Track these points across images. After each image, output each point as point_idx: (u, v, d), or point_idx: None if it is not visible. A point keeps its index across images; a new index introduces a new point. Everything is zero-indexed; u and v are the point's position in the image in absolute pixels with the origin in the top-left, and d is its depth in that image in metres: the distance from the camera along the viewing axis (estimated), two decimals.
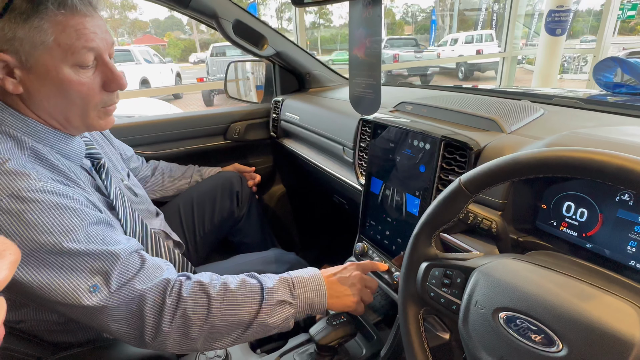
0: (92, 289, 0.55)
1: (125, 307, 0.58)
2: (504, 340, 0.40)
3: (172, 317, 0.60)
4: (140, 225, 0.81)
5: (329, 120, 1.17)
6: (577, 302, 0.37)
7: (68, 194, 0.58)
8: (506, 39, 4.99)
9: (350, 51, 0.77)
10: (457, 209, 0.49)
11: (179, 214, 1.15)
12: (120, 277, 0.58)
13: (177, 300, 0.60)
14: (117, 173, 0.86)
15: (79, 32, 0.58)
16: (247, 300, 0.65)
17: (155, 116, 1.40)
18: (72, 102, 0.62)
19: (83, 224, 0.57)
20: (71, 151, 0.68)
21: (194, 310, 0.61)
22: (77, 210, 0.57)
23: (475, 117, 0.77)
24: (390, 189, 0.85)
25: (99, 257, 0.57)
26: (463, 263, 0.48)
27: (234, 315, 0.64)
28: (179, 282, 0.62)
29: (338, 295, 0.73)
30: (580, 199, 0.53)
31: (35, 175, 0.55)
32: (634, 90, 1.59)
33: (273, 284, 0.68)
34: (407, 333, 0.53)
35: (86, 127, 0.68)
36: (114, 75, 0.65)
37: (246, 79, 1.77)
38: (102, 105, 0.67)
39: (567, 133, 0.59)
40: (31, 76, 0.59)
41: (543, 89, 1.35)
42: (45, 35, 0.56)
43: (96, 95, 0.65)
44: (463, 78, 12.04)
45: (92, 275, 0.56)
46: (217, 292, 0.63)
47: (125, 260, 0.59)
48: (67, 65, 0.59)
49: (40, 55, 0.57)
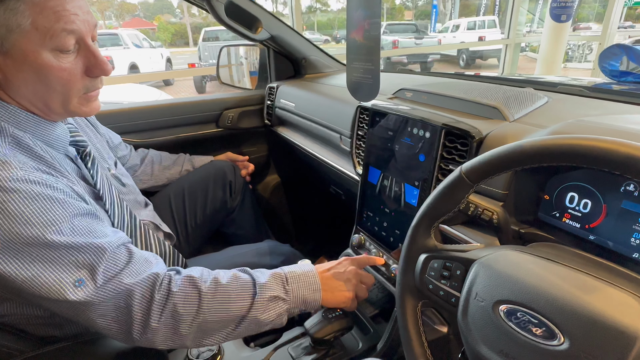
0: (77, 283, 0.54)
1: (112, 302, 0.57)
2: (504, 333, 0.40)
3: (161, 312, 0.59)
4: (128, 217, 0.80)
5: (326, 107, 1.16)
6: (579, 294, 0.37)
7: (52, 183, 0.57)
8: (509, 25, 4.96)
9: (348, 35, 0.76)
10: (457, 199, 0.49)
11: (169, 205, 1.14)
12: (107, 271, 0.57)
13: (166, 295, 0.60)
14: (104, 162, 0.85)
15: (58, 14, 0.56)
16: (239, 295, 0.65)
17: (145, 102, 1.38)
18: (52, 88, 0.61)
19: (68, 215, 0.56)
20: (54, 139, 0.66)
21: (184, 305, 0.61)
22: (62, 201, 0.56)
23: (477, 105, 0.77)
24: (389, 179, 0.84)
25: (85, 250, 0.56)
26: (463, 255, 0.48)
27: (225, 311, 0.63)
28: (169, 277, 0.62)
29: (332, 291, 0.73)
30: (583, 190, 0.53)
31: (16, 164, 0.53)
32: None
33: (266, 279, 0.68)
34: (404, 326, 0.53)
35: (68, 114, 0.66)
36: (97, 60, 0.63)
37: (239, 64, 1.75)
38: (85, 91, 0.65)
39: (572, 121, 0.59)
40: (8, 61, 0.57)
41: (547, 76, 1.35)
42: (22, 17, 0.54)
43: (78, 81, 0.63)
44: (464, 65, 12.00)
45: (78, 269, 0.55)
46: (208, 287, 0.63)
47: (112, 254, 0.58)
48: (46, 49, 0.57)
49: (17, 39, 0.55)
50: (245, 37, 1.32)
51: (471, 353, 0.44)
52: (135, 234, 0.81)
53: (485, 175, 0.46)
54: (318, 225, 1.71)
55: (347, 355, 0.81)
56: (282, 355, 0.79)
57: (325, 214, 1.67)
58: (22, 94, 0.61)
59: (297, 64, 1.52)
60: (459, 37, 12.57)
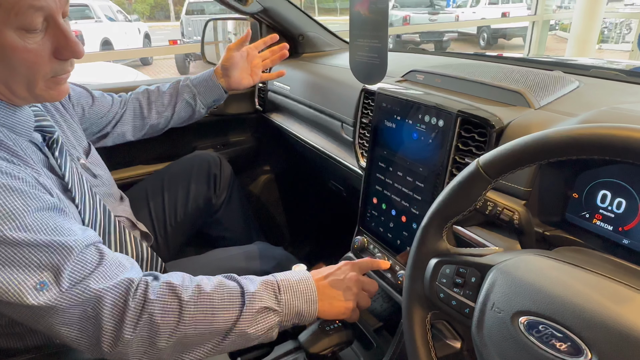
0: (39, 286, 0.54)
1: (79, 310, 0.57)
2: (524, 348, 0.40)
3: (135, 322, 0.59)
4: (101, 212, 0.80)
5: (326, 91, 1.16)
6: (609, 305, 0.37)
7: (13, 172, 0.57)
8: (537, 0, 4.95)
9: (352, 7, 0.76)
10: (473, 196, 0.49)
11: (146, 200, 1.15)
12: (73, 273, 0.57)
13: (142, 304, 0.60)
14: (74, 150, 0.85)
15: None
16: (224, 305, 0.65)
17: (120, 83, 1.38)
18: (16, 71, 0.60)
19: (30, 208, 0.56)
20: (17, 123, 0.66)
21: (162, 315, 0.61)
22: (24, 193, 0.56)
23: (498, 90, 0.77)
24: (396, 174, 0.84)
25: (49, 249, 0.56)
26: (479, 260, 0.48)
27: (209, 322, 0.64)
28: (145, 283, 0.62)
29: (330, 301, 0.74)
30: (617, 188, 0.53)
31: None
32: None
33: (255, 288, 0.68)
34: (411, 340, 0.53)
35: (34, 98, 0.66)
36: (68, 41, 0.62)
37: (227, 40, 1.74)
38: (53, 75, 0.65)
39: (606, 109, 0.59)
40: None
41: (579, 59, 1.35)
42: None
43: (45, 64, 0.62)
44: (485, 45, 11.97)
45: (40, 271, 0.55)
46: (189, 295, 0.63)
47: (80, 254, 0.58)
48: (10, 28, 0.57)
49: None
50: (234, 9, 1.31)
51: None
52: (109, 231, 0.81)
53: (505, 170, 0.46)
54: (315, 226, 1.72)
55: None
56: None
57: (323, 213, 1.68)
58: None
59: (294, 41, 1.51)
60: (479, 13, 12.52)
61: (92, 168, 0.89)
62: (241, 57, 1.16)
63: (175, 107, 1.14)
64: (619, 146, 0.37)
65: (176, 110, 1.14)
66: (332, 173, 1.22)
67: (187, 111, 1.16)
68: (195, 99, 1.15)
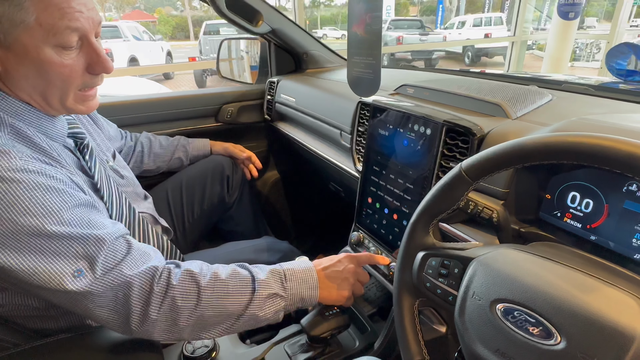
0: (76, 274, 0.55)
1: (111, 293, 0.58)
2: (501, 332, 0.40)
3: (160, 304, 0.60)
4: (127, 209, 0.80)
5: (326, 102, 1.16)
6: (577, 294, 0.37)
7: (51, 173, 0.57)
8: (516, 22, 4.94)
9: (350, 28, 0.76)
10: (456, 196, 0.49)
11: (167, 199, 1.15)
12: (106, 262, 0.58)
13: (165, 288, 0.61)
14: (102, 154, 0.85)
15: (62, 11, 0.57)
16: (237, 291, 0.66)
17: (144, 95, 1.38)
18: (52, 83, 0.61)
19: (67, 205, 0.56)
20: (53, 130, 0.67)
21: (183, 298, 0.61)
22: (61, 191, 0.57)
23: (480, 102, 0.76)
24: (389, 176, 0.84)
25: (84, 241, 0.56)
26: (461, 253, 0.48)
27: (223, 305, 0.64)
28: (168, 270, 0.63)
29: (329, 290, 0.74)
30: (586, 189, 0.53)
31: (15, 154, 0.54)
32: None
33: (265, 276, 0.69)
34: (401, 325, 0.53)
35: (65, 110, 0.67)
36: (100, 58, 0.63)
37: (240, 58, 1.75)
38: (83, 87, 0.65)
39: (576, 119, 0.59)
40: (9, 55, 0.57)
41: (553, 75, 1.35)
42: (26, 13, 0.55)
43: (78, 78, 0.63)
44: (470, 63, 11.96)
45: (77, 260, 0.56)
46: (207, 281, 0.64)
47: (111, 245, 0.59)
48: (49, 45, 0.58)
49: (20, 34, 0.56)
50: (246, 30, 1.31)
51: (467, 352, 0.44)
52: (134, 226, 0.81)
53: (485, 173, 0.46)
54: (317, 222, 1.71)
55: (343, 354, 0.81)
56: (278, 352, 0.79)
57: (324, 211, 1.67)
58: (21, 87, 0.61)
59: (298, 59, 1.51)
60: (464, 34, 12.53)
61: (119, 170, 0.90)
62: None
63: (169, 161, 1.21)
64: (586, 152, 0.37)
65: (169, 164, 1.22)
66: (332, 176, 1.22)
67: (177, 164, 1.23)
68: (187, 158, 1.24)
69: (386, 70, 1.24)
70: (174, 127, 1.39)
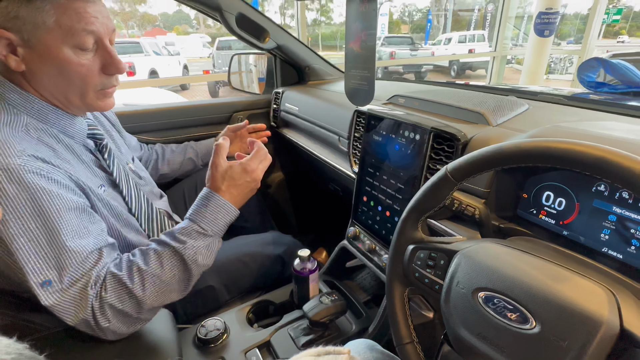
0: (45, 284, 0.53)
1: (72, 308, 0.56)
2: (482, 318, 0.40)
3: (104, 314, 0.57)
4: (145, 204, 0.80)
5: (326, 111, 1.16)
6: (550, 283, 0.37)
7: (48, 175, 0.55)
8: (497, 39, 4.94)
9: (347, 45, 0.76)
10: (442, 195, 0.49)
11: (183, 198, 1.15)
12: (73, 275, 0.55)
13: (100, 300, 0.57)
14: (122, 156, 0.85)
15: (79, 15, 0.57)
16: (169, 268, 0.62)
17: (162, 104, 1.38)
18: (72, 82, 0.61)
19: (55, 208, 0.54)
20: (73, 129, 0.66)
21: (121, 301, 0.58)
22: (52, 194, 0.55)
23: (464, 111, 0.76)
24: (382, 177, 0.84)
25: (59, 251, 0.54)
26: (447, 246, 0.48)
27: (164, 284, 0.61)
28: (101, 280, 0.58)
29: (242, 197, 0.71)
30: (559, 189, 0.53)
31: (15, 152, 0.53)
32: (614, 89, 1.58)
33: (186, 240, 0.64)
34: (392, 311, 0.53)
35: (86, 107, 0.67)
36: (113, 60, 0.64)
37: (249, 71, 1.74)
38: (101, 88, 0.65)
39: (550, 126, 0.59)
40: (33, 55, 0.57)
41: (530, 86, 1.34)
42: (47, 15, 0.55)
43: (95, 77, 0.63)
44: (455, 76, 11.94)
45: (48, 270, 0.54)
46: (132, 278, 0.60)
47: (83, 259, 0.56)
48: (68, 46, 0.58)
49: (42, 35, 0.56)
50: (254, 46, 1.31)
51: (452, 335, 0.44)
52: (152, 219, 0.81)
53: (468, 175, 0.46)
54: (318, 219, 1.71)
55: (341, 336, 0.81)
56: (282, 335, 0.79)
57: (324, 209, 1.67)
58: (44, 86, 0.61)
59: (301, 72, 1.51)
60: (450, 50, 12.51)
61: (138, 172, 0.90)
62: (234, 136, 1.23)
63: (182, 163, 1.19)
64: (559, 156, 0.37)
65: (182, 166, 1.19)
66: (331, 177, 1.21)
67: (190, 165, 1.20)
68: (197, 157, 1.21)
69: (380, 82, 1.24)
70: (189, 133, 1.39)
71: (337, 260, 1.00)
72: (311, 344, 0.77)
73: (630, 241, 0.46)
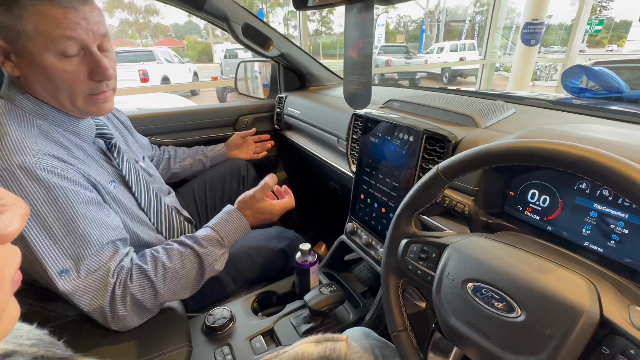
0: (62, 273, 0.54)
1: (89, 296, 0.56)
2: (471, 307, 0.40)
3: (123, 303, 0.58)
4: (155, 199, 0.80)
5: (326, 114, 1.15)
6: (535, 274, 0.37)
7: (61, 172, 0.56)
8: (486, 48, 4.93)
9: (345, 52, 0.75)
10: (434, 193, 0.49)
11: (193, 195, 1.15)
12: (90, 265, 0.56)
13: (123, 289, 0.58)
14: (133, 155, 0.85)
15: (57, 21, 0.55)
16: (187, 269, 0.65)
17: (173, 108, 1.38)
18: (59, 87, 0.59)
19: (69, 201, 0.55)
20: (80, 130, 0.65)
21: (142, 293, 0.60)
22: (66, 189, 0.55)
23: (455, 114, 0.76)
24: (378, 176, 0.84)
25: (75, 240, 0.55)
26: (438, 240, 0.48)
27: (180, 283, 0.64)
28: (126, 271, 0.60)
29: (257, 223, 0.78)
30: (543, 187, 0.53)
31: (31, 151, 0.53)
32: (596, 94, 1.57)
33: (206, 247, 0.68)
34: (387, 301, 0.53)
35: (79, 112, 0.64)
36: (99, 66, 0.60)
37: (254, 77, 1.74)
38: (89, 93, 0.63)
39: (535, 128, 0.58)
40: (23, 61, 0.56)
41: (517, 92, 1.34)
42: (26, 23, 0.54)
43: (82, 83, 0.60)
44: (447, 82, 11.92)
45: (65, 259, 0.54)
46: (156, 272, 0.62)
47: (99, 250, 0.57)
48: (49, 52, 0.56)
49: (25, 42, 0.55)
50: (259, 54, 1.31)
51: (443, 323, 0.44)
52: (161, 213, 0.81)
53: (458, 173, 0.45)
54: (318, 215, 1.71)
55: (339, 325, 0.81)
56: (284, 323, 0.79)
57: (324, 206, 1.67)
58: (36, 91, 0.60)
59: (303, 78, 1.51)
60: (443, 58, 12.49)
61: (148, 170, 0.90)
62: (242, 141, 1.30)
63: (192, 163, 1.20)
64: (542, 156, 0.37)
65: (192, 166, 1.20)
66: (331, 176, 1.21)
67: (199, 166, 1.22)
68: (206, 159, 1.23)
69: (376, 87, 1.24)
70: (198, 135, 1.39)
71: (336, 254, 1.00)
72: (311, 331, 0.77)
73: (610, 236, 0.45)
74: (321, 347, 0.60)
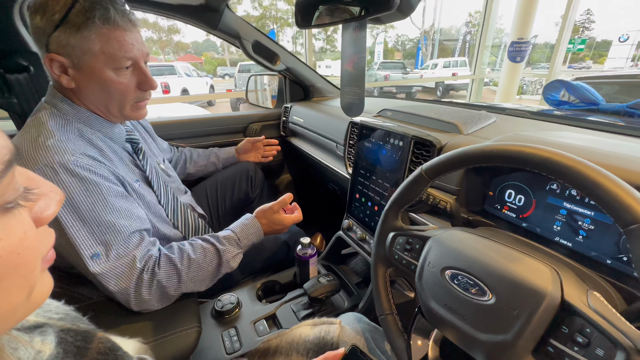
0: (94, 257, 0.55)
1: (115, 278, 0.58)
2: (449, 291, 0.40)
3: (149, 287, 0.60)
4: (172, 197, 0.81)
5: (326, 122, 1.17)
6: (505, 262, 0.38)
7: (95, 170, 0.58)
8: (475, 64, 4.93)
9: (342, 66, 0.77)
10: (418, 190, 0.49)
11: (206, 194, 1.16)
12: (119, 250, 0.57)
13: (151, 275, 0.60)
14: (155, 157, 0.87)
15: (120, 43, 0.59)
16: (208, 263, 0.66)
17: (190, 116, 1.40)
18: (112, 96, 0.63)
19: (102, 196, 0.57)
20: (114, 134, 0.68)
21: (167, 280, 0.61)
22: (99, 185, 0.57)
23: (440, 122, 0.77)
24: (372, 178, 0.85)
25: (106, 228, 0.56)
26: (421, 233, 0.49)
27: (200, 275, 0.65)
28: (154, 259, 0.61)
29: (270, 232, 0.79)
30: (519, 188, 0.53)
31: (70, 150, 0.55)
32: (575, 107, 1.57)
33: (226, 246, 0.69)
34: (376, 287, 0.54)
35: (123, 117, 0.68)
36: (147, 78, 0.65)
37: (263, 89, 1.76)
38: (136, 101, 0.67)
39: (511, 134, 0.59)
40: (81, 75, 0.59)
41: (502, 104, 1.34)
42: (92, 44, 0.57)
43: (132, 93, 0.65)
44: (441, 95, 11.90)
45: (97, 244, 0.56)
46: (183, 263, 0.63)
47: (127, 237, 0.58)
48: (109, 68, 0.60)
49: (88, 59, 0.58)
50: (267, 67, 1.33)
51: (424, 307, 0.44)
52: (177, 210, 0.83)
53: (439, 173, 0.46)
54: (319, 213, 1.71)
55: (335, 311, 0.81)
56: (285, 309, 0.80)
57: (324, 204, 1.68)
58: (89, 100, 0.63)
59: (307, 90, 1.53)
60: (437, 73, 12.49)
61: (167, 171, 0.91)
62: (252, 146, 1.29)
63: (206, 165, 1.22)
64: (512, 157, 0.38)
65: (206, 167, 1.22)
66: (330, 177, 1.22)
67: (212, 168, 1.23)
68: (219, 161, 1.24)
69: (372, 98, 1.25)
70: (212, 140, 1.41)
71: (333, 248, 1.00)
72: (310, 316, 0.77)
73: (578, 232, 0.46)
74: (317, 329, 0.61)
